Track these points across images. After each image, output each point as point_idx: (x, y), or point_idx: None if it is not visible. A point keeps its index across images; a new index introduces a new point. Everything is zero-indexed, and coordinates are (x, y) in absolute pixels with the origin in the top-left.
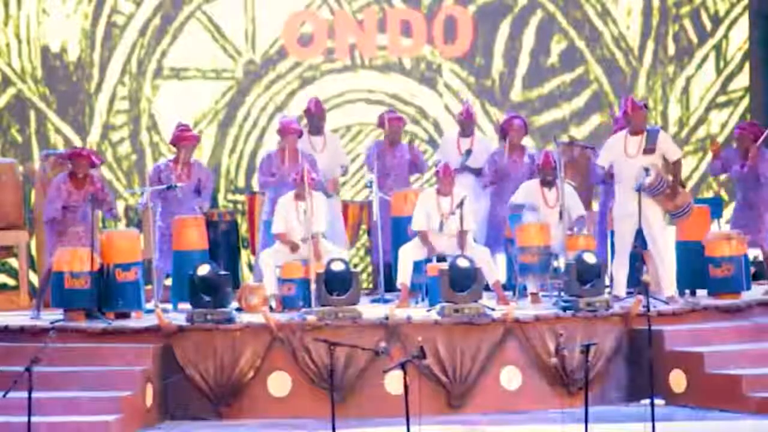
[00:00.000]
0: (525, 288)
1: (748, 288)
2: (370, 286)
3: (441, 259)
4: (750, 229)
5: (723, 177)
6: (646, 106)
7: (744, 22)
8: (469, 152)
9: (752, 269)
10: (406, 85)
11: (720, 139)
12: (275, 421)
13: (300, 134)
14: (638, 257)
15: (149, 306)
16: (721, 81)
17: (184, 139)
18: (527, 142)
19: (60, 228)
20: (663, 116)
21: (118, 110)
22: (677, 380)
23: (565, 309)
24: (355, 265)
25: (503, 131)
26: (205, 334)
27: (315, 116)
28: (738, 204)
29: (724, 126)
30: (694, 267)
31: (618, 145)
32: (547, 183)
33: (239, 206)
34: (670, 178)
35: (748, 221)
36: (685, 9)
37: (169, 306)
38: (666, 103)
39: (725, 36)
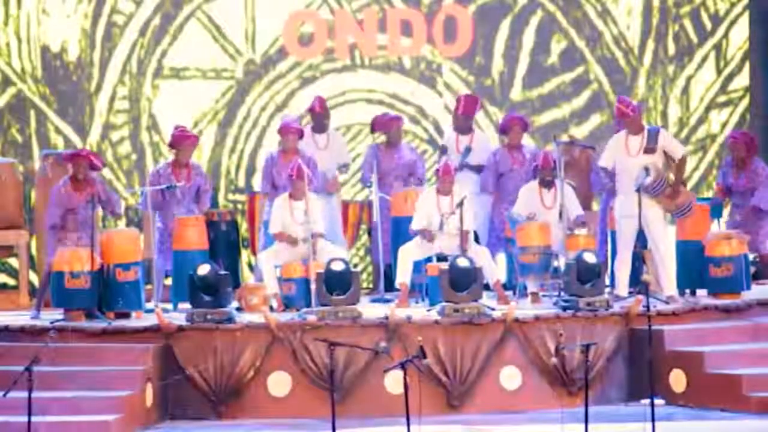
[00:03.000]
0: (525, 288)
1: (748, 288)
2: (370, 285)
3: (441, 258)
4: (747, 231)
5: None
6: (634, 110)
7: (744, 22)
8: (468, 150)
9: (752, 269)
10: (406, 84)
11: (719, 140)
12: (275, 421)
13: (300, 134)
14: (638, 257)
15: (149, 306)
16: (721, 81)
17: (183, 140)
18: (527, 141)
19: (61, 233)
20: (663, 116)
21: (118, 110)
22: (677, 380)
23: (565, 309)
24: (356, 265)
25: (502, 130)
26: (205, 334)
27: (319, 115)
28: (733, 209)
29: (724, 126)
30: (695, 267)
31: (619, 144)
32: (546, 183)
33: (239, 206)
34: (672, 177)
35: (744, 223)
36: (685, 9)
37: (170, 306)
38: (666, 103)
39: (725, 36)
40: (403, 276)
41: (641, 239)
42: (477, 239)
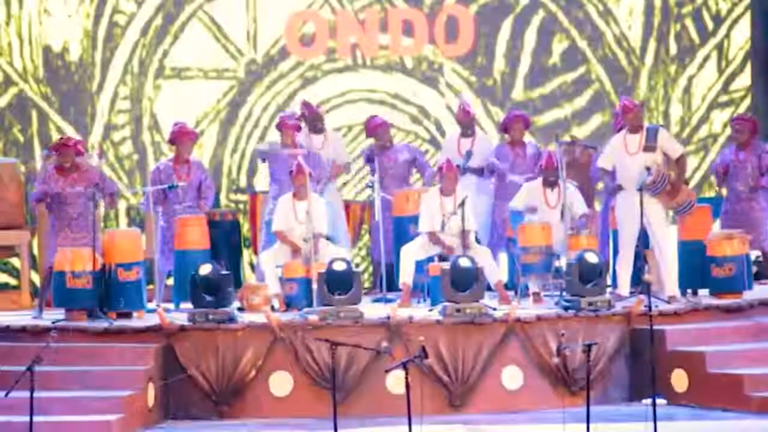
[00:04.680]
0: (527, 288)
1: (750, 287)
2: (371, 285)
3: (443, 258)
4: (745, 228)
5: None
6: (642, 104)
7: (746, 22)
8: (469, 154)
9: (754, 269)
10: (408, 84)
11: (721, 139)
12: (277, 421)
13: (298, 128)
14: (640, 256)
15: (151, 306)
16: (723, 80)
17: (182, 135)
18: (528, 139)
19: (57, 224)
20: (665, 116)
21: (120, 110)
22: (679, 380)
23: (566, 308)
24: (357, 265)
25: (504, 128)
26: (206, 334)
27: (309, 118)
28: (729, 201)
29: (725, 125)
30: (696, 266)
31: (618, 144)
32: (550, 183)
33: (241, 206)
34: (673, 174)
35: (740, 220)
36: (687, 8)
37: (171, 306)
38: (668, 103)
39: (727, 35)
40: (405, 276)
41: (643, 239)
42: (478, 239)
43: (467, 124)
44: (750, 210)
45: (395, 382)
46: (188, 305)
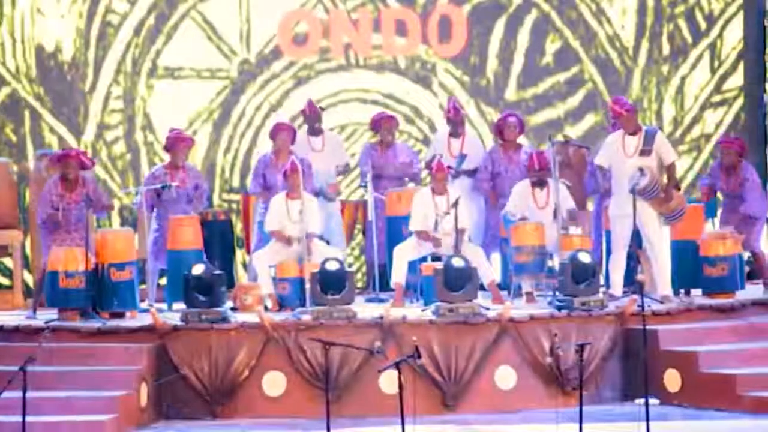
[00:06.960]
0: (520, 287)
1: (743, 287)
2: (364, 285)
3: (436, 258)
4: (740, 230)
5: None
6: (629, 110)
7: (738, 22)
8: (462, 157)
9: (747, 268)
10: (401, 84)
11: (714, 139)
12: (270, 421)
13: (293, 132)
14: (633, 256)
15: (144, 305)
16: (716, 80)
17: (178, 143)
18: (523, 141)
19: (54, 231)
20: (657, 116)
21: (113, 109)
22: (672, 379)
23: (559, 308)
24: (350, 265)
25: (498, 130)
26: (199, 334)
27: (308, 118)
28: (725, 208)
29: (718, 125)
30: (689, 266)
31: (616, 144)
32: (538, 183)
33: (234, 206)
34: (665, 181)
35: (736, 223)
36: (680, 8)
37: (164, 305)
38: (660, 103)
39: (720, 35)
40: (398, 276)
41: (636, 238)
42: (470, 239)
43: (457, 122)
44: (744, 219)
45: (388, 382)
46: (181, 305)
